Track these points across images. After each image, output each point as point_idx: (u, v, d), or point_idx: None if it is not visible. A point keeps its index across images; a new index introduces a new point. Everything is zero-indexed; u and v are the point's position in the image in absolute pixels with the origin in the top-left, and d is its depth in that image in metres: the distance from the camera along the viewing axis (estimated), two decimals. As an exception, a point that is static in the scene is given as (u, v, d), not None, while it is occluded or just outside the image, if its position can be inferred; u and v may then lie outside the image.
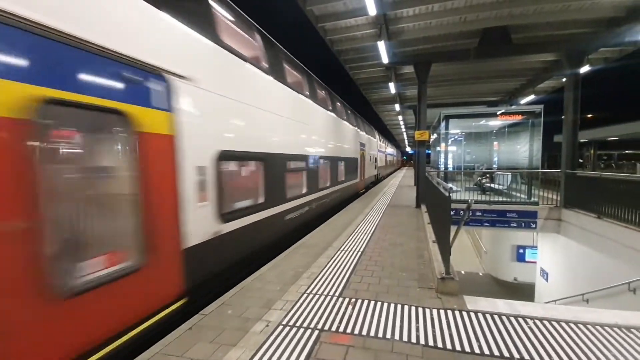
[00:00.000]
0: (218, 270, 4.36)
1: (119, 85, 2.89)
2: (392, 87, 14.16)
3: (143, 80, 3.14)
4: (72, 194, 2.67)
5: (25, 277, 2.18)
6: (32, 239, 2.21)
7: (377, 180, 23.92)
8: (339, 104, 12.57)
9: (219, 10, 4.88)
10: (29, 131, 2.20)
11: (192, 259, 3.75)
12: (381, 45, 8.98)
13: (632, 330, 3.02)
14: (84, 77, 2.61)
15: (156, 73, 3.32)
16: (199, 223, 3.94)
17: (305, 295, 3.87)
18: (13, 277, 2.13)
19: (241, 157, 5.21)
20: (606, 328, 3.06)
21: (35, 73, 2.26)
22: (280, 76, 6.76)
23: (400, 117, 25.33)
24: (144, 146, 3.10)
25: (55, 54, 2.40)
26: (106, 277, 2.70)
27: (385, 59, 9.73)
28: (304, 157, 8.10)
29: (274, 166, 6.22)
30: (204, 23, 4.28)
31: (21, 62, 2.19)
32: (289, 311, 3.45)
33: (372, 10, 7.16)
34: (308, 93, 8.64)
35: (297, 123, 7.73)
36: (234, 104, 4.90)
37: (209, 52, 4.37)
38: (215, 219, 4.27)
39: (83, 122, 2.77)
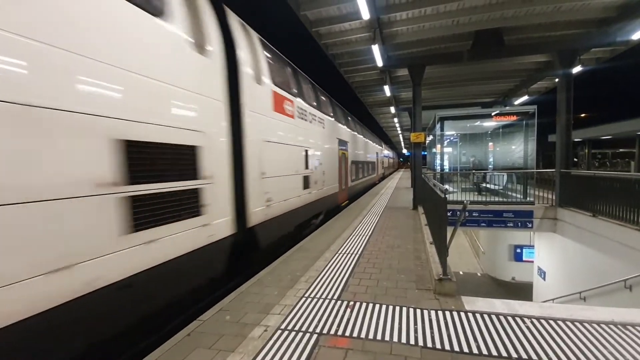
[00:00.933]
0: (350, 196, 13.68)
1: (344, 146, 12.57)
2: (387, 90, 14.25)
3: (345, 144, 12.90)
4: (344, 171, 12.89)
5: (341, 186, 12.03)
6: (343, 180, 12.44)
7: (383, 177, 33.42)
8: (370, 134, 23.73)
9: (351, 120, 15.53)
10: (344, 157, 12.69)
11: (347, 190, 13.13)
12: (375, 49, 9.04)
13: (627, 327, 3.05)
14: (343, 147, 12.45)
15: (346, 142, 13.11)
16: (350, 179, 13.84)
17: (304, 299, 3.87)
18: (342, 186, 12.27)
19: (355, 162, 15.19)
20: (602, 325, 3.08)
21: (343, 146, 12.58)
22: (364, 135, 18.97)
23: (395, 120, 25.44)
24: (346, 161, 13.03)
25: (345, 144, 13.00)
26: (342, 188, 12.07)
27: (379, 62, 9.80)
28: (365, 162, 18.92)
29: (359, 166, 16.43)
30: (349, 124, 14.57)
31: (345, 146, 13.09)
32: (287, 315, 3.45)
33: (365, 15, 7.22)
34: (368, 137, 21.38)
35: (367, 149, 20.29)
36: (355, 148, 15.62)
37: (350, 134, 14.27)
38: (351, 180, 14.12)
39: (342, 158, 12.34)
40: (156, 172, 3.27)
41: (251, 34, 5.82)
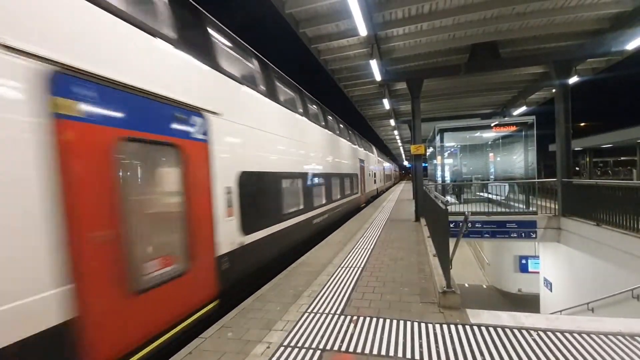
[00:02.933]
0: (386, 188, 33.25)
1: (384, 168, 33.54)
2: (386, 103, 14.40)
3: (384, 167, 32.54)
4: (384, 177, 34.56)
5: (384, 184, 33.11)
6: (384, 181, 34.35)
7: (395, 183, 49.85)
8: (389, 159, 43.83)
9: (386, 155, 42.62)
10: (384, 172, 34.58)
11: (385, 185, 33.73)
12: (373, 64, 9.19)
13: (635, 338, 2.99)
14: (383, 168, 32.40)
15: (384, 167, 32.33)
16: (386, 181, 35.43)
17: (307, 314, 3.83)
18: (385, 183, 34.66)
19: (387, 174, 36.16)
20: (610, 337, 3.03)
21: (383, 168, 33.59)
22: (388, 161, 41.78)
23: (396, 132, 25.62)
24: (384, 173, 33.41)
25: (384, 167, 33.58)
26: (384, 184, 32.42)
27: (378, 77, 9.94)
28: (390, 175, 41.52)
29: (388, 176, 39.07)
30: (384, 157, 35.66)
31: (384, 168, 35.36)
32: (290, 332, 3.41)
33: (362, 31, 7.36)
34: (387, 161, 40.73)
35: (389, 168, 41.59)
36: (385, 168, 34.82)
37: (385, 163, 36.04)
38: (387, 181, 36.35)
39: (384, 172, 33.89)
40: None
41: (373, 147, 24.74)
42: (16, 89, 2.19)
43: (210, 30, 4.82)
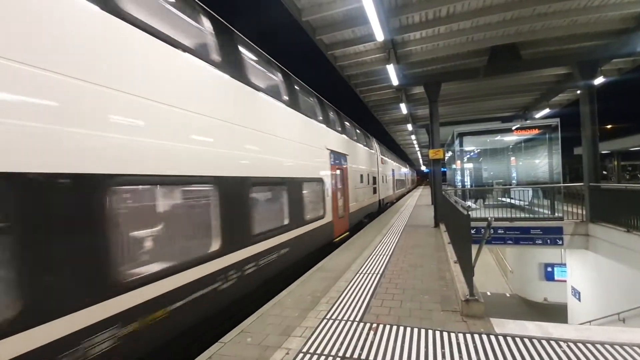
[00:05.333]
0: (410, 189, 47.08)
1: (407, 173, 44.67)
2: (403, 108, 14.29)
3: (408, 173, 45.69)
4: (411, 180, 54.58)
5: (409, 185, 46.88)
6: (410, 183, 51.77)
7: (415, 186, 60.65)
8: (411, 169, 56.02)
9: (408, 164, 55.47)
10: (407, 177, 46.74)
11: (408, 187, 45.29)
12: (390, 69, 9.16)
13: (676, 352, 2.82)
14: (405, 174, 42.24)
15: (407, 173, 45.10)
16: (411, 184, 55.18)
17: (325, 321, 3.81)
18: (410, 185, 50.69)
19: (410, 178, 52.20)
20: (646, 350, 2.87)
21: (406, 173, 44.35)
22: (409, 169, 49.33)
23: (413, 137, 25.33)
24: (407, 178, 44.19)
25: (408, 173, 48.06)
26: (408, 186, 45.00)
27: (395, 82, 9.89)
28: (413, 179, 59.72)
29: (410, 179, 50.21)
30: (406, 166, 45.41)
31: (409, 173, 52.43)
32: (309, 338, 3.39)
33: (379, 36, 7.34)
34: (408, 168, 48.71)
35: (410, 173, 53.26)
36: (407, 173, 45.33)
37: (409, 170, 49.03)
38: (411, 183, 54.56)
39: (408, 177, 47.59)
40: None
41: (406, 164, 45.27)
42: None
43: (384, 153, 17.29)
